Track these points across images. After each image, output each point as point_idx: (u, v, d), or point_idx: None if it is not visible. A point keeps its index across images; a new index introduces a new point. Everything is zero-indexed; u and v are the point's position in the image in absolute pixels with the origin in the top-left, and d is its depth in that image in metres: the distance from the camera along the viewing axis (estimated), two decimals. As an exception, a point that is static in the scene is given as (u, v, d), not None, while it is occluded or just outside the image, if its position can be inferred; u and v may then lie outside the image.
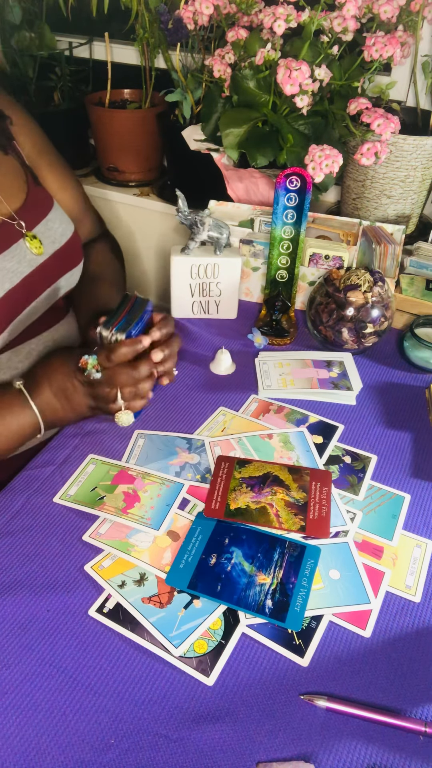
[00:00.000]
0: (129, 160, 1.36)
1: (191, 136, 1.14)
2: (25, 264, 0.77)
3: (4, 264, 0.74)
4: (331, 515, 0.64)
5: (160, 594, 0.58)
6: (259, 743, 0.48)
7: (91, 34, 1.39)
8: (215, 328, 0.97)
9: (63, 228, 0.83)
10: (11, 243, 0.75)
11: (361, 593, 0.58)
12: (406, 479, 0.71)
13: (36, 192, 0.82)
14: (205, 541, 0.62)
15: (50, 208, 0.83)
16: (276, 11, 0.93)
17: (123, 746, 0.48)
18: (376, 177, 1.07)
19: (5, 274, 0.74)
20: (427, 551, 0.63)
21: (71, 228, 0.85)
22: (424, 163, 1.04)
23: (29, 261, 0.77)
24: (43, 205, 0.82)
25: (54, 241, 0.81)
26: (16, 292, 0.75)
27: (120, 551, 0.61)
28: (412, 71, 1.12)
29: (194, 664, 0.53)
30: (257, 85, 0.99)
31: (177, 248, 0.93)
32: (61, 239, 0.82)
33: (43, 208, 0.82)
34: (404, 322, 0.96)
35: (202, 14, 1.01)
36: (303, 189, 0.89)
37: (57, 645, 0.54)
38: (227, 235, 0.91)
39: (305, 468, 0.70)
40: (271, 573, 0.59)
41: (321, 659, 0.54)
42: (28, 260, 0.77)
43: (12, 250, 0.75)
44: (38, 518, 0.65)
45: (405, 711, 0.51)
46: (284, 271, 0.97)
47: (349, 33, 0.95)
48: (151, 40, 1.17)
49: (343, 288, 0.85)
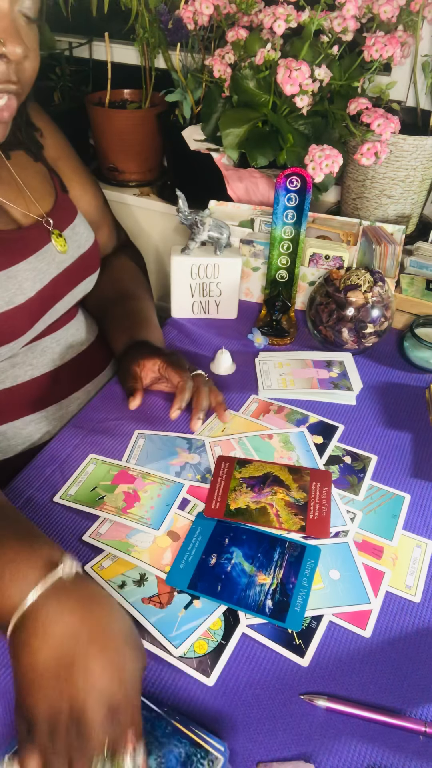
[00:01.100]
0: (129, 160, 1.36)
1: (191, 136, 1.14)
2: (54, 266, 0.78)
3: (37, 264, 0.76)
4: (331, 515, 0.64)
5: (160, 594, 0.58)
6: (259, 743, 0.48)
7: (91, 34, 1.39)
8: (215, 328, 0.97)
9: (87, 234, 0.86)
10: (43, 244, 0.77)
11: (361, 593, 0.58)
12: (406, 479, 0.71)
13: (63, 197, 0.84)
14: (205, 541, 0.62)
15: (76, 213, 0.85)
16: (276, 11, 0.93)
17: (123, 746, 0.48)
18: (376, 177, 1.07)
19: (37, 274, 0.75)
20: (427, 551, 0.63)
21: (92, 235, 0.87)
22: (424, 163, 1.04)
23: (57, 263, 0.79)
24: (70, 210, 0.85)
25: (79, 246, 0.83)
26: (46, 291, 0.77)
27: (120, 551, 0.61)
28: (412, 71, 1.12)
29: (194, 664, 0.53)
30: (257, 85, 0.99)
31: (177, 248, 0.93)
32: (85, 245, 0.85)
33: (71, 212, 0.84)
34: (404, 322, 0.96)
35: (202, 14, 1.01)
36: (303, 189, 0.89)
37: (57, 645, 0.54)
38: (227, 235, 0.91)
39: (305, 468, 0.70)
40: (271, 573, 0.59)
41: (321, 659, 0.54)
42: (57, 262, 0.79)
43: (44, 251, 0.77)
44: (38, 518, 0.65)
45: (405, 711, 0.51)
46: (284, 271, 0.97)
47: (349, 33, 0.95)
48: (151, 40, 1.17)
49: (343, 288, 0.85)
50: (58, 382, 0.83)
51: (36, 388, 0.80)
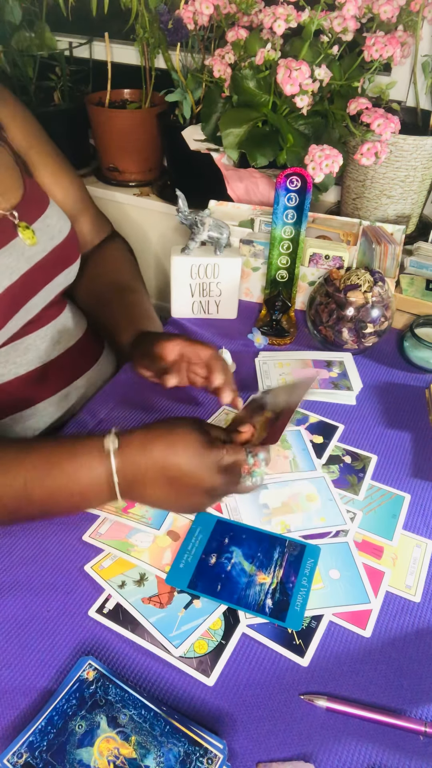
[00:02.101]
0: (129, 160, 1.36)
1: (191, 136, 1.14)
2: (24, 260, 0.75)
3: (3, 260, 0.72)
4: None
5: (160, 594, 0.58)
6: (259, 743, 0.48)
7: (91, 34, 1.39)
8: (215, 328, 0.97)
9: (60, 224, 0.82)
10: (10, 239, 0.74)
11: (361, 593, 0.58)
12: (406, 479, 0.71)
13: (32, 187, 0.81)
14: (205, 540, 0.62)
15: (47, 204, 0.82)
16: (276, 11, 0.93)
17: (123, 746, 0.48)
18: (376, 177, 1.07)
19: (3, 271, 0.72)
20: (427, 551, 0.63)
21: (68, 224, 0.84)
22: (424, 163, 1.04)
23: (27, 257, 0.76)
24: (40, 200, 0.81)
25: (52, 237, 0.80)
26: (15, 288, 0.74)
27: (120, 551, 0.61)
28: (412, 71, 1.12)
29: (194, 664, 0.53)
30: (257, 85, 0.99)
31: (177, 248, 0.93)
32: (59, 236, 0.81)
33: (41, 203, 0.81)
34: (404, 322, 0.96)
35: (202, 14, 1.01)
36: (303, 189, 0.89)
37: (57, 646, 0.54)
38: (227, 235, 0.91)
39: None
40: (271, 572, 0.59)
41: (321, 659, 0.54)
42: (27, 257, 0.76)
43: (10, 247, 0.74)
44: (38, 518, 0.65)
45: (405, 711, 0.51)
46: (284, 271, 0.97)
47: (349, 33, 0.95)
48: (151, 40, 1.17)
49: (343, 288, 0.85)
50: (46, 379, 0.82)
51: (22, 386, 0.79)
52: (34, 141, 0.85)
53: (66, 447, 0.57)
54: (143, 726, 0.47)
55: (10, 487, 0.55)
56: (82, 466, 0.55)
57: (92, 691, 0.50)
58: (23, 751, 0.46)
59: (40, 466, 0.55)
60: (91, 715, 0.48)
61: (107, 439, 0.56)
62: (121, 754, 0.46)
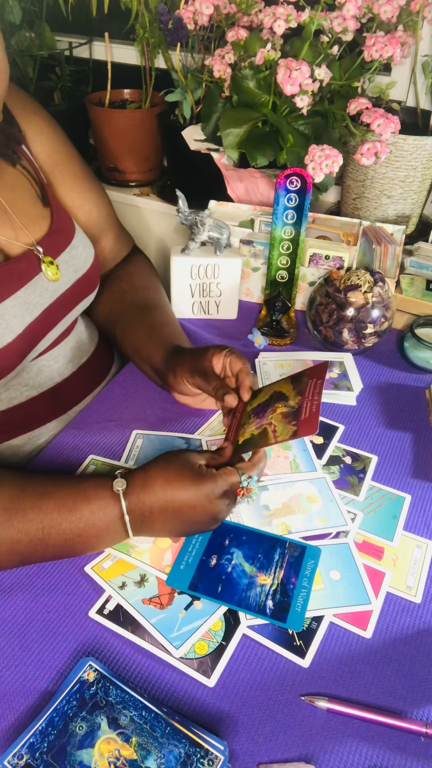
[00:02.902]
0: (129, 160, 1.36)
1: (191, 136, 1.14)
2: (47, 296, 0.72)
3: (26, 298, 0.69)
4: (321, 406, 0.63)
5: (160, 595, 0.58)
6: (260, 744, 0.48)
7: (91, 34, 1.39)
8: (215, 328, 0.96)
9: (86, 254, 0.79)
10: (34, 275, 0.71)
11: (361, 594, 0.58)
12: (406, 480, 0.71)
13: (59, 214, 0.77)
14: (206, 542, 0.62)
15: (73, 234, 0.78)
16: (276, 11, 0.93)
17: (123, 747, 0.48)
18: (376, 177, 1.07)
19: (26, 308, 0.69)
20: (427, 552, 0.63)
21: (92, 252, 0.81)
22: (424, 163, 1.04)
23: (51, 292, 0.73)
24: (67, 231, 0.77)
25: (77, 269, 0.77)
26: (37, 324, 0.71)
27: (120, 552, 0.61)
28: (412, 71, 1.12)
29: (195, 665, 0.53)
30: (257, 85, 0.99)
31: (177, 248, 0.93)
32: (83, 267, 0.78)
33: (68, 234, 0.77)
34: (404, 322, 0.96)
35: (202, 14, 1.01)
36: (303, 189, 0.88)
37: (57, 647, 0.54)
38: (227, 235, 0.91)
39: (306, 371, 0.68)
40: (271, 574, 0.59)
41: (322, 660, 0.54)
42: (50, 291, 0.73)
43: (33, 282, 0.71)
44: (38, 519, 0.65)
45: (406, 712, 0.51)
46: (284, 271, 0.97)
47: (349, 33, 0.95)
48: (151, 40, 1.17)
49: (343, 288, 0.85)
50: (59, 397, 0.80)
51: (35, 407, 0.77)
52: (62, 158, 0.81)
53: (80, 491, 0.58)
54: (144, 727, 0.47)
55: (26, 533, 0.56)
56: (98, 509, 0.57)
57: (93, 692, 0.50)
58: (24, 752, 0.46)
59: (56, 511, 0.57)
60: (92, 717, 0.48)
61: (116, 483, 0.58)
62: (122, 755, 0.46)
